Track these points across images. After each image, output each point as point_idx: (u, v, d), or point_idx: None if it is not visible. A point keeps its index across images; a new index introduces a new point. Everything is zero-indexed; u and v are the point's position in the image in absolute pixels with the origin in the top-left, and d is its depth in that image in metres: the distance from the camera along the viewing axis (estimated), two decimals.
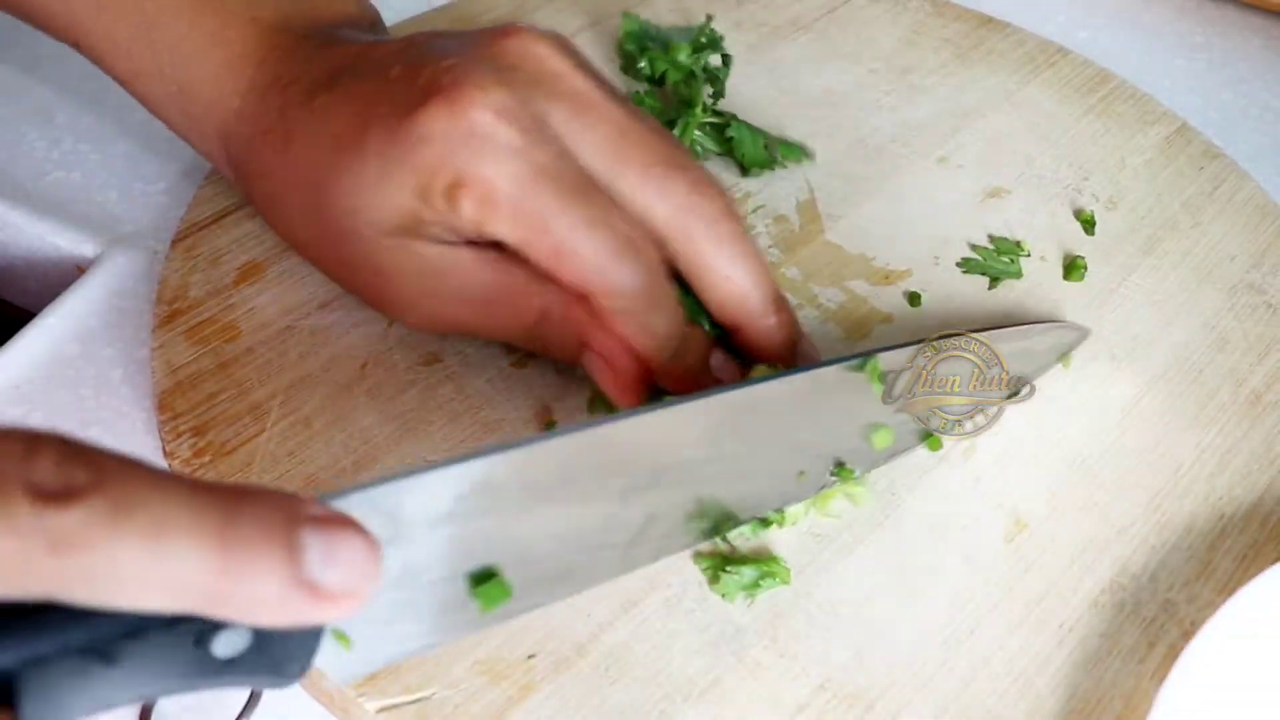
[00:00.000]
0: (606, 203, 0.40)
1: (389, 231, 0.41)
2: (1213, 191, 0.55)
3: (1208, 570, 0.42)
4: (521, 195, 0.38)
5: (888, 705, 0.38)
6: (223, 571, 0.25)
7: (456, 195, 0.39)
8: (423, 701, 0.37)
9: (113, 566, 0.23)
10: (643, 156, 0.41)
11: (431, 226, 0.40)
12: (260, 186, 0.45)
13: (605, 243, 0.39)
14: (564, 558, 0.35)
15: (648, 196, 0.40)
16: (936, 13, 0.63)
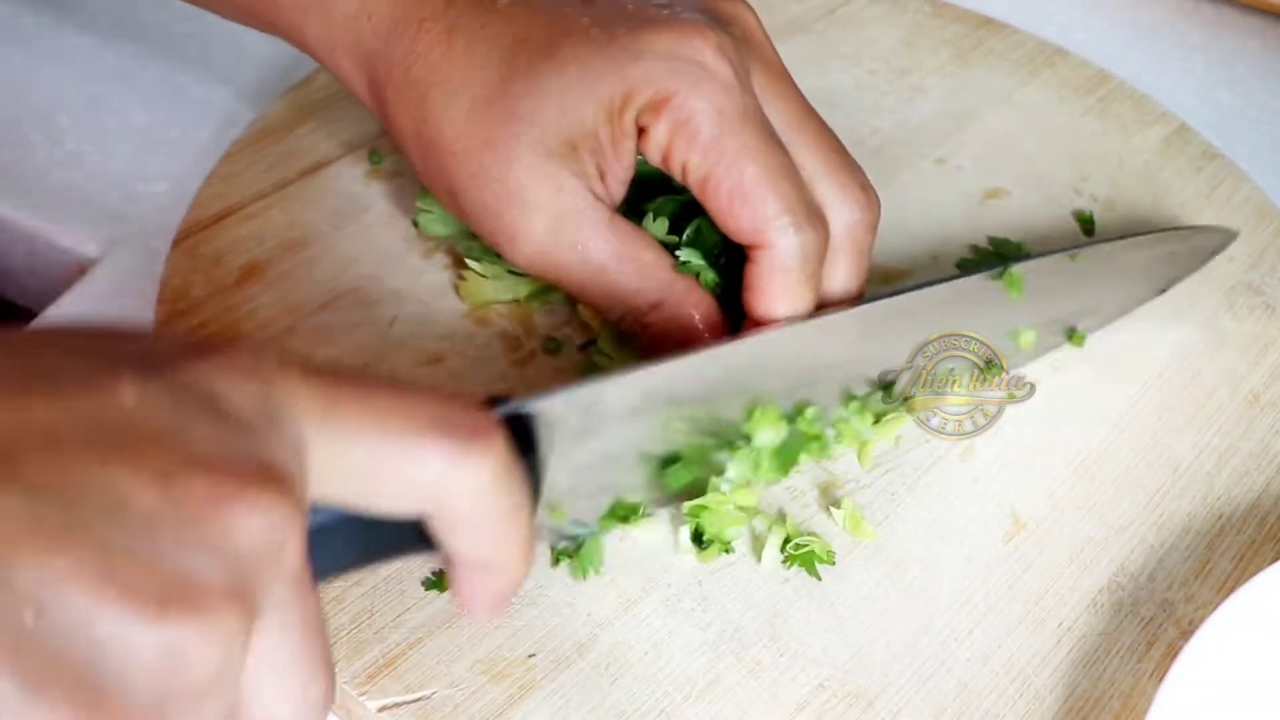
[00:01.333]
0: (792, 162, 0.40)
1: (552, 149, 0.40)
2: (1211, 192, 0.55)
3: (1206, 570, 0.42)
4: (724, 129, 0.39)
5: (887, 704, 0.38)
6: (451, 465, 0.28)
7: (657, 114, 0.39)
8: (423, 700, 0.37)
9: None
10: (821, 138, 0.42)
11: (597, 155, 0.40)
12: (404, 89, 0.42)
13: (792, 196, 0.39)
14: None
15: (818, 173, 0.41)
16: (935, 14, 0.63)
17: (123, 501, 0.23)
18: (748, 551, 0.41)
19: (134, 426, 0.24)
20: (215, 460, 0.24)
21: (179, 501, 0.23)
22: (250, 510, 0.24)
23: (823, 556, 0.40)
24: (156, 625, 0.23)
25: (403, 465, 0.28)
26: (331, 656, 0.27)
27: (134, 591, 0.22)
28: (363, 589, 0.39)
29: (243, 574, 0.24)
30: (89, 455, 0.23)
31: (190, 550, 0.23)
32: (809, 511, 0.42)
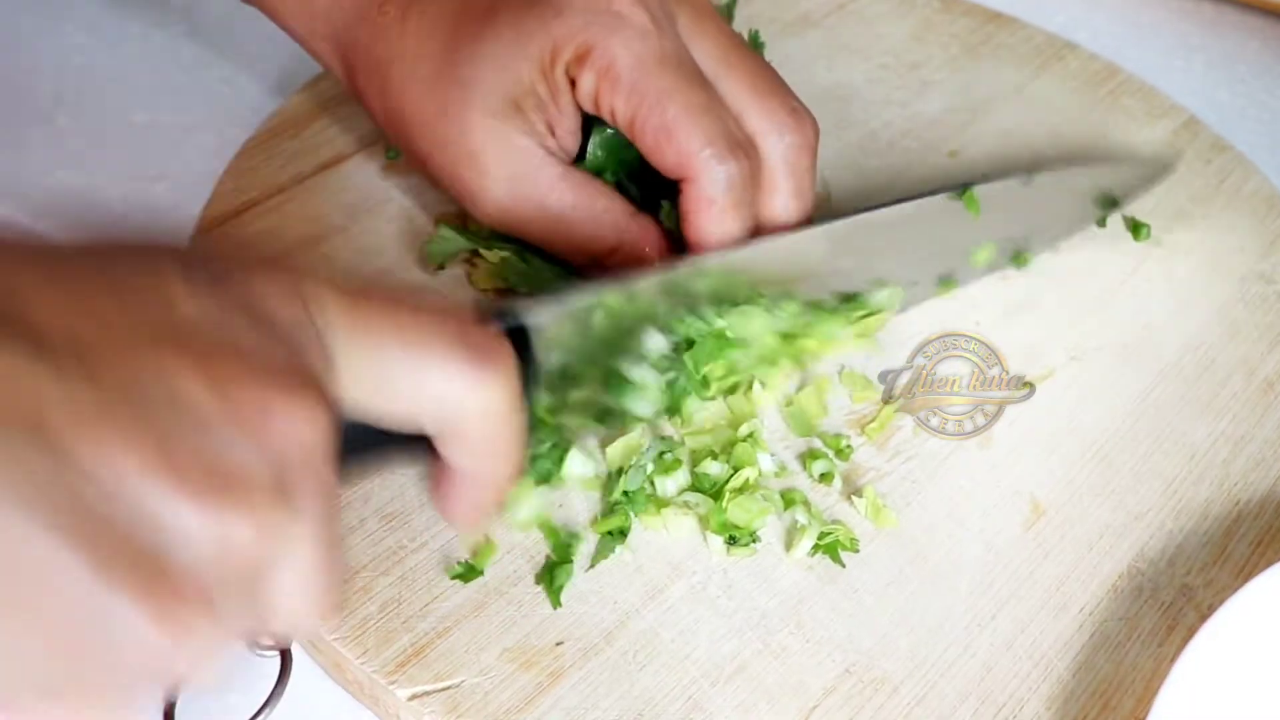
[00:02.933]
0: (717, 96, 0.42)
1: (499, 110, 0.42)
2: (1220, 183, 0.55)
3: (1224, 555, 0.42)
4: (643, 73, 0.41)
5: (912, 689, 0.38)
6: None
7: (581, 65, 0.41)
8: (453, 689, 0.37)
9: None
10: (748, 68, 0.43)
11: (541, 110, 0.43)
12: (370, 65, 0.45)
13: (713, 129, 0.41)
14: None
15: (745, 103, 0.43)
16: (944, 9, 0.63)
17: (181, 399, 0.25)
18: (773, 539, 0.41)
19: (189, 332, 0.26)
20: (261, 367, 0.26)
21: (231, 403, 0.25)
22: (292, 414, 0.26)
23: (847, 544, 0.41)
24: (211, 512, 0.25)
25: (424, 380, 0.30)
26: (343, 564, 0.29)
27: (192, 480, 0.25)
28: (390, 579, 0.39)
29: (284, 472, 0.26)
30: (151, 355, 0.25)
31: (240, 447, 0.25)
32: (830, 500, 0.43)
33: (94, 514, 0.24)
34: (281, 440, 0.26)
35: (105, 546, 0.24)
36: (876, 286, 0.46)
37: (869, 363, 0.47)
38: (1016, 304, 0.50)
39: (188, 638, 0.25)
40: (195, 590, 0.25)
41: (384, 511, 0.41)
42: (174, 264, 0.27)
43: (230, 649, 0.27)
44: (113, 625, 0.24)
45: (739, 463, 0.42)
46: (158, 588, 0.24)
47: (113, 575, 0.24)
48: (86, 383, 0.24)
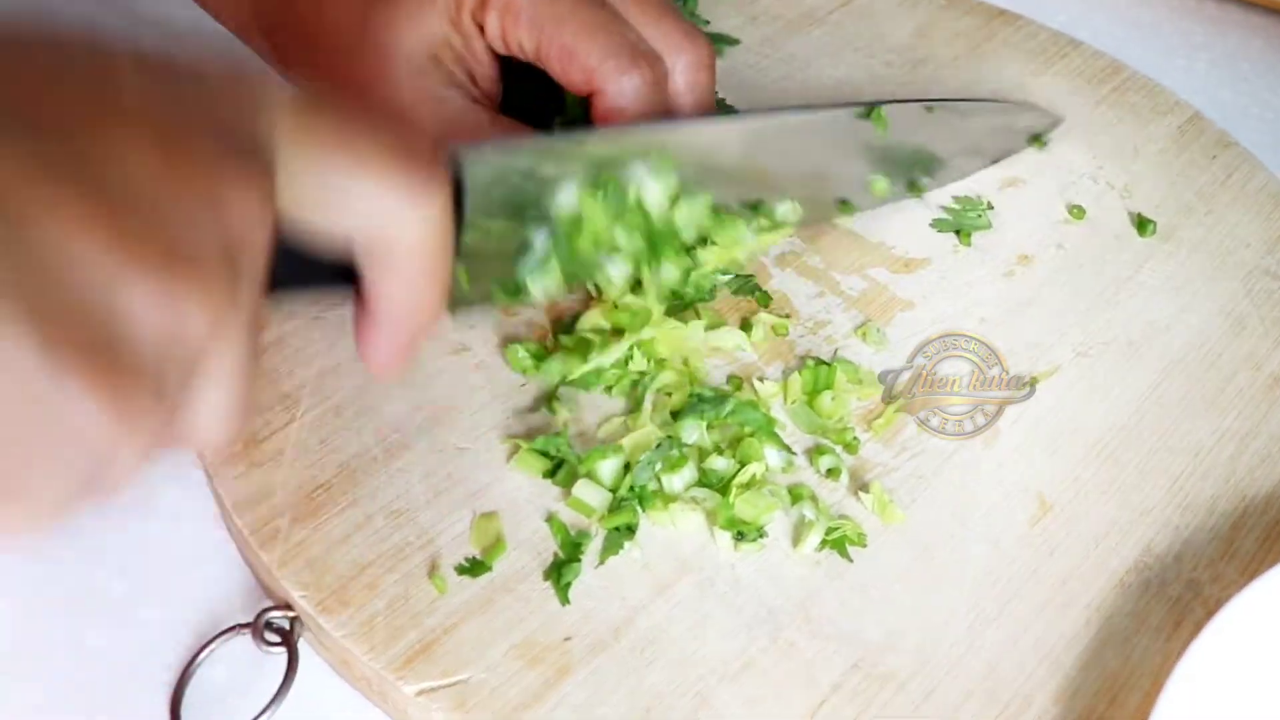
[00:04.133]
0: (615, 14, 0.44)
1: (421, 67, 0.44)
2: (1226, 179, 0.55)
3: (1231, 550, 0.42)
4: (538, 3, 0.43)
5: (920, 685, 0.38)
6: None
7: (485, 9, 0.43)
8: (460, 684, 0.37)
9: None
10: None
11: (460, 61, 0.44)
12: (295, 44, 0.47)
13: (613, 44, 0.43)
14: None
15: (642, 25, 0.44)
16: (948, 6, 0.63)
17: (131, 174, 0.24)
18: (780, 535, 0.41)
19: (137, 111, 0.25)
20: (210, 139, 0.26)
21: (179, 177, 0.25)
22: (241, 193, 0.26)
23: (854, 540, 0.41)
24: (161, 281, 0.24)
25: (363, 189, 0.30)
26: (254, 380, 0.28)
27: (144, 255, 0.24)
28: (396, 575, 0.39)
29: (232, 251, 0.25)
30: (103, 130, 0.24)
31: (192, 226, 0.25)
32: (837, 495, 0.43)
33: (44, 288, 0.23)
34: (231, 221, 0.25)
35: (56, 324, 0.23)
36: (779, 199, 0.46)
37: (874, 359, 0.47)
38: (1022, 300, 0.50)
39: (136, 423, 0.24)
40: (145, 373, 0.24)
41: (390, 508, 0.41)
42: (128, 55, 0.26)
43: (158, 442, 0.26)
44: (61, 407, 0.23)
45: (746, 458, 0.42)
46: (109, 369, 0.23)
47: (61, 347, 0.23)
48: (39, 156, 0.23)
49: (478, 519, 0.41)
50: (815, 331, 0.48)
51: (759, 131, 0.45)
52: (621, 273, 0.42)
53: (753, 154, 0.46)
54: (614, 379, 0.44)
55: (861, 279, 0.50)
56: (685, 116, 0.45)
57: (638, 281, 0.43)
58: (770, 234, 0.46)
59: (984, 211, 0.52)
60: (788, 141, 0.46)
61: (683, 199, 0.42)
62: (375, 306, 0.33)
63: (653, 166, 0.41)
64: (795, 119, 0.46)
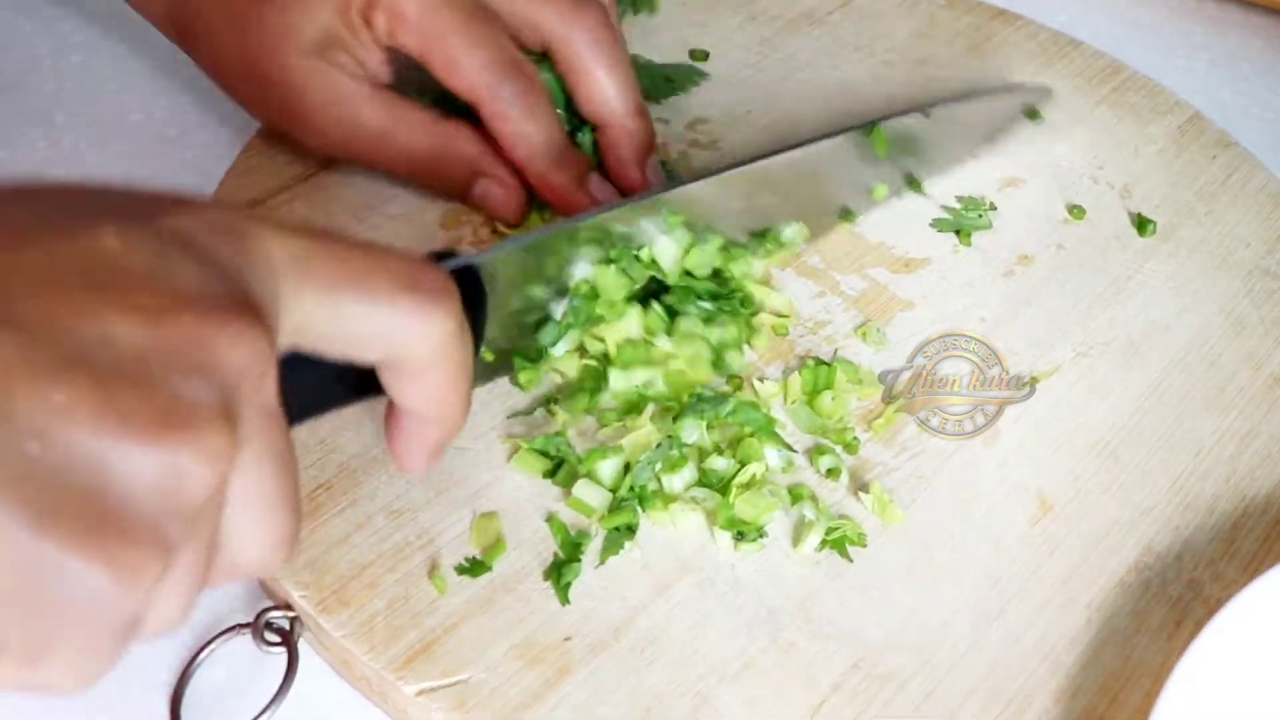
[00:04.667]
0: (496, 26, 0.47)
1: (309, 50, 0.47)
2: (1226, 179, 0.55)
3: (1232, 550, 0.42)
4: (424, 14, 0.46)
5: (921, 684, 0.38)
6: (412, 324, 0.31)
7: (373, 8, 0.46)
8: (460, 684, 0.37)
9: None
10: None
11: (346, 49, 0.47)
12: (197, 25, 0.50)
13: (490, 57, 0.46)
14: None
15: (535, 12, 0.48)
16: (948, 5, 0.63)
17: (114, 337, 0.24)
18: (780, 535, 0.41)
19: (119, 269, 0.25)
20: (198, 297, 0.25)
21: (167, 334, 0.25)
22: (234, 340, 0.26)
23: (855, 539, 0.41)
24: (156, 444, 0.24)
25: (373, 319, 0.30)
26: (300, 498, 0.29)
27: (132, 415, 0.24)
28: (397, 575, 0.39)
29: (228, 398, 0.25)
30: (78, 296, 0.24)
31: (180, 377, 0.25)
32: (837, 495, 0.43)
33: (29, 465, 0.23)
34: (222, 367, 0.25)
35: (44, 497, 0.23)
36: (785, 223, 0.49)
37: (874, 359, 0.47)
38: (1022, 300, 0.50)
39: (141, 581, 0.24)
40: (145, 532, 0.24)
41: (391, 508, 0.41)
42: (108, 206, 0.26)
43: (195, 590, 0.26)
44: (61, 577, 0.23)
45: (746, 458, 0.42)
46: (103, 533, 0.23)
47: (56, 526, 0.23)
48: (14, 329, 0.23)
49: (478, 519, 0.41)
50: (815, 331, 0.48)
51: (762, 173, 0.47)
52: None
53: (756, 192, 0.48)
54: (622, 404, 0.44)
55: (861, 279, 0.50)
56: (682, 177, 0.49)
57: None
58: (777, 255, 0.48)
59: (985, 212, 0.52)
60: (789, 175, 0.48)
61: (694, 248, 0.45)
62: (404, 416, 0.34)
63: (662, 224, 0.44)
64: (797, 156, 0.48)
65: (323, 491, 0.41)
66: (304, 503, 0.41)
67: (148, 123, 0.57)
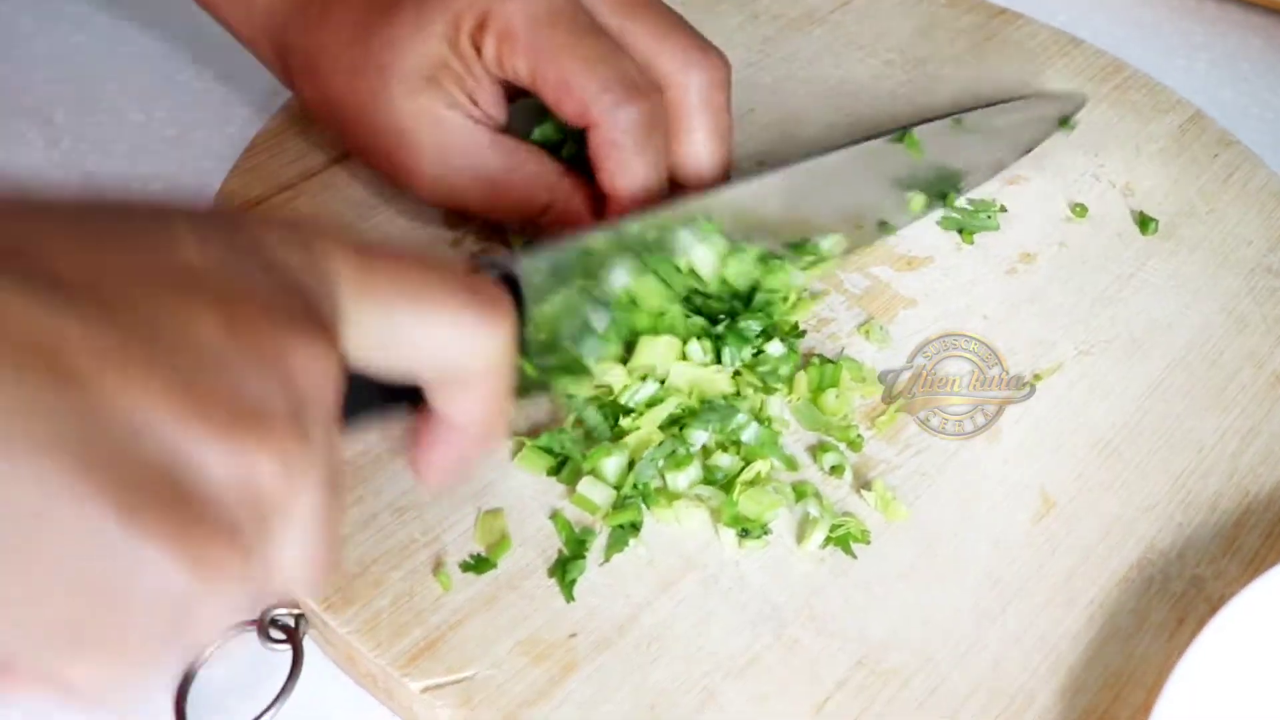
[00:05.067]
0: (614, 45, 0.44)
1: (418, 88, 0.44)
2: (1227, 178, 0.55)
3: (1234, 547, 0.42)
4: (538, 31, 0.43)
5: (924, 681, 0.38)
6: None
7: (483, 32, 0.43)
8: (465, 681, 0.37)
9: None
10: (652, 14, 0.45)
11: (459, 83, 0.44)
12: (302, 61, 0.47)
13: (610, 77, 0.43)
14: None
15: (652, 47, 0.45)
16: (950, 4, 0.63)
17: (195, 338, 0.25)
18: (784, 532, 0.41)
19: (198, 276, 0.26)
20: (273, 307, 0.26)
21: (244, 341, 0.26)
22: (305, 350, 0.26)
23: (858, 536, 0.41)
24: (234, 445, 0.25)
25: (431, 332, 0.31)
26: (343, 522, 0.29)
27: (213, 415, 0.24)
28: (402, 572, 0.39)
29: (300, 406, 0.26)
30: (166, 299, 0.25)
31: (258, 384, 0.25)
32: (841, 493, 0.43)
33: (119, 455, 0.23)
34: (297, 377, 0.26)
35: (132, 488, 0.23)
36: (822, 234, 0.48)
37: (877, 357, 0.47)
38: (1024, 298, 0.50)
39: (218, 579, 0.24)
40: (225, 529, 0.24)
41: (396, 505, 0.41)
42: (184, 217, 0.27)
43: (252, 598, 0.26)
44: (142, 569, 0.24)
45: (750, 455, 0.42)
46: (188, 528, 0.24)
47: (142, 517, 0.23)
48: (106, 325, 0.24)
49: (482, 516, 0.41)
50: (819, 329, 0.48)
51: (797, 180, 0.46)
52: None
53: (793, 202, 0.46)
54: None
55: (864, 277, 0.50)
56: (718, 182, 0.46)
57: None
58: (816, 268, 0.48)
59: (994, 213, 0.52)
60: (825, 182, 0.47)
61: (732, 257, 0.44)
62: (443, 427, 0.34)
63: (699, 233, 0.43)
64: (831, 160, 0.47)
65: None
66: None
67: (148, 123, 0.57)
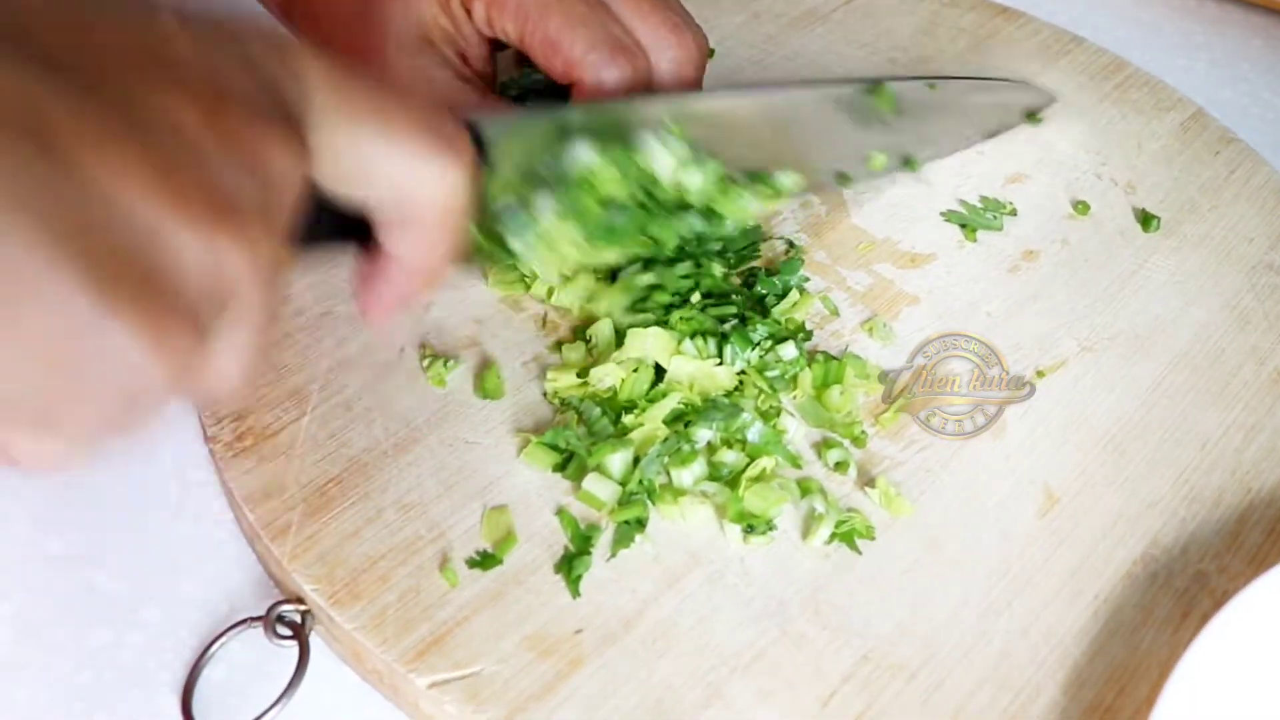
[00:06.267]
0: (600, 6, 0.44)
1: (411, 45, 0.45)
2: (1229, 175, 0.55)
3: (1238, 542, 0.42)
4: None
5: (930, 675, 0.38)
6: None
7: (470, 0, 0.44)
8: (472, 677, 0.37)
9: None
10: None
11: (451, 41, 0.46)
12: (305, 10, 0.48)
13: (596, 37, 0.44)
14: None
15: (631, 20, 0.45)
16: (951, 3, 0.63)
17: (176, 123, 0.25)
18: (789, 528, 0.41)
19: (183, 65, 0.26)
20: (250, 100, 0.27)
21: (222, 131, 0.26)
22: (278, 147, 0.27)
23: (863, 532, 0.41)
24: (206, 229, 0.25)
25: (391, 157, 0.31)
26: (275, 327, 0.30)
27: (190, 201, 0.25)
28: (408, 568, 0.39)
29: (267, 200, 0.27)
30: (146, 74, 0.25)
31: (231, 170, 0.26)
32: (845, 489, 0.43)
33: (95, 228, 0.24)
34: (268, 177, 0.27)
35: (105, 262, 0.24)
36: (782, 169, 0.47)
37: (881, 354, 0.47)
38: (1027, 296, 0.50)
39: (178, 358, 0.25)
40: (186, 308, 0.25)
41: (401, 502, 0.41)
42: (174, 10, 0.27)
43: (196, 383, 0.27)
44: (108, 342, 0.24)
45: (755, 452, 0.42)
46: (154, 306, 0.24)
47: (109, 285, 0.24)
48: (90, 99, 0.24)
49: (488, 512, 0.41)
50: (822, 326, 0.48)
51: (768, 105, 0.47)
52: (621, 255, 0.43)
53: (759, 126, 0.47)
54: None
55: (867, 274, 0.50)
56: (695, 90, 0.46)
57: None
58: (771, 201, 0.47)
59: (1001, 215, 0.52)
60: (793, 115, 0.48)
61: (692, 166, 0.43)
62: (391, 260, 0.34)
63: (663, 136, 0.43)
64: (804, 95, 0.48)
65: (334, 485, 0.41)
66: (315, 497, 0.41)
67: None
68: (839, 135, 0.50)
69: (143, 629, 0.40)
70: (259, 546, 0.41)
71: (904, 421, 0.45)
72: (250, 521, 0.41)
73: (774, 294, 0.47)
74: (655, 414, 0.43)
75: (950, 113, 0.54)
